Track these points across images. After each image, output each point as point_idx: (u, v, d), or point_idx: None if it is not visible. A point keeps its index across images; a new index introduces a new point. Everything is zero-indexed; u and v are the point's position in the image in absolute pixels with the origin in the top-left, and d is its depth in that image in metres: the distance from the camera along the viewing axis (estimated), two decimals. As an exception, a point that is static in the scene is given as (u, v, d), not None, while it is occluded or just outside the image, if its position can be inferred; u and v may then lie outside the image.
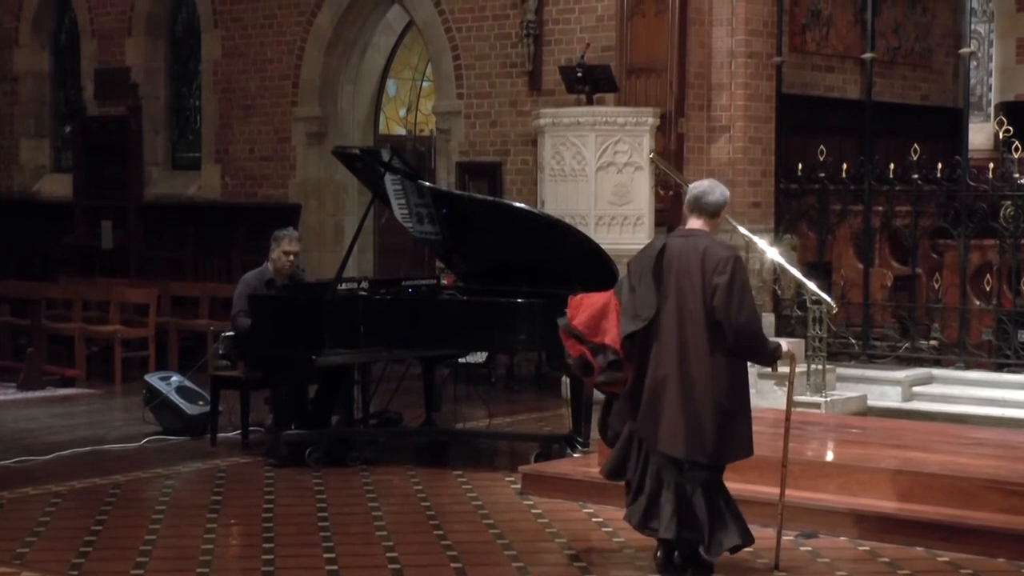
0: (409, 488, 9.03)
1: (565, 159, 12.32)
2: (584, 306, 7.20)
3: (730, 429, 6.81)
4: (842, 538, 7.69)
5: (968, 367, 11.94)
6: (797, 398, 11.28)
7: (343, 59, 15.87)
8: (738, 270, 6.76)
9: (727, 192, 7.06)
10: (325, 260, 15.16)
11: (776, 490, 7.33)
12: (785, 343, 7.13)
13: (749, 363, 6.98)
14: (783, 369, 7.25)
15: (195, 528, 7.88)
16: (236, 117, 16.44)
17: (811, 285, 11.57)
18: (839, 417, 10.83)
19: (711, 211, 6.97)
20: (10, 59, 18.75)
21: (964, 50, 13.31)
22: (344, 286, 10.09)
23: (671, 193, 12.39)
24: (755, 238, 12.02)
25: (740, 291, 6.73)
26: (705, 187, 7.05)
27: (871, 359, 12.34)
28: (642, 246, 7.39)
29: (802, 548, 7.52)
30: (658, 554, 6.95)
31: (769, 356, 6.94)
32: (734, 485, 7.48)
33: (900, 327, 12.54)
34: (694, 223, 7.00)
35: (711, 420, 6.75)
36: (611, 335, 6.98)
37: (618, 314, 6.97)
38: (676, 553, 6.92)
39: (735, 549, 6.94)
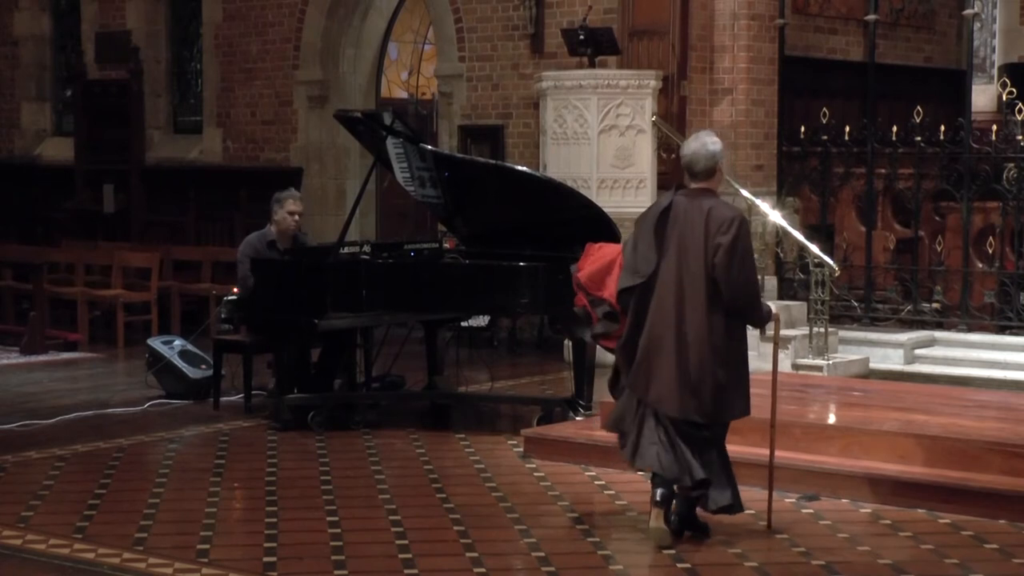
0: (411, 451, 9.05)
1: (567, 122, 12.29)
2: (594, 258, 7.33)
3: (726, 389, 6.85)
4: (844, 500, 7.70)
5: (970, 329, 11.94)
6: (800, 361, 11.38)
7: (344, 22, 15.82)
8: (742, 231, 6.79)
9: (714, 148, 6.96)
10: (327, 224, 15.15)
11: (779, 452, 7.35)
12: (772, 306, 7.16)
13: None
14: (770, 332, 7.28)
15: (198, 491, 7.89)
16: (237, 80, 16.41)
17: (813, 248, 11.57)
18: (841, 380, 10.85)
19: (704, 175, 6.98)
20: (10, 22, 18.69)
21: (968, 12, 13.28)
22: (346, 250, 10.08)
23: (673, 156, 12.35)
24: (757, 201, 12.00)
25: (742, 251, 6.77)
26: (690, 153, 6.98)
27: (873, 322, 12.34)
28: (644, 209, 7.42)
29: (804, 511, 7.54)
30: (673, 516, 6.98)
31: (762, 318, 7.00)
32: (734, 447, 7.50)
33: (902, 290, 12.54)
34: (696, 185, 7.02)
35: (707, 380, 6.80)
36: (610, 290, 7.10)
37: (621, 269, 7.05)
38: (672, 512, 6.95)
39: (724, 510, 6.97)
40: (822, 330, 11.46)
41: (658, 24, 12.78)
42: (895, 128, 12.46)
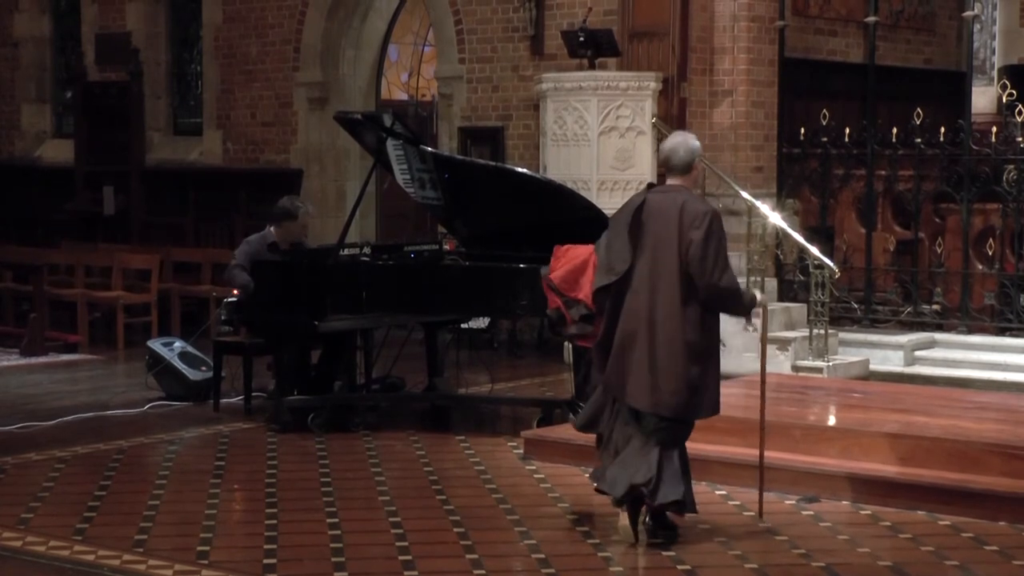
0: (412, 453, 9.05)
1: (567, 124, 12.30)
2: (565, 259, 7.35)
3: (696, 386, 6.83)
4: (844, 502, 7.71)
5: (970, 331, 11.93)
6: (800, 362, 11.38)
7: (344, 24, 15.83)
8: (714, 225, 6.78)
9: (695, 145, 7.02)
10: (327, 225, 15.15)
11: (775, 454, 7.35)
12: (758, 293, 7.14)
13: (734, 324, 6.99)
14: (757, 322, 7.22)
15: (198, 493, 7.90)
16: (237, 82, 16.42)
17: (813, 250, 11.56)
18: (841, 381, 10.85)
19: (681, 168, 7.00)
20: (11, 24, 18.70)
21: (968, 13, 13.27)
22: (346, 251, 10.08)
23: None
24: (757, 203, 11.99)
25: (716, 246, 6.76)
26: (669, 147, 7.04)
27: (873, 323, 12.34)
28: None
29: (804, 512, 7.54)
30: (647, 519, 6.97)
31: (746, 307, 6.97)
32: (734, 448, 7.51)
33: (902, 291, 12.53)
34: (672, 181, 7.05)
35: (678, 376, 6.78)
36: (585, 291, 7.11)
37: (595, 269, 7.05)
38: (645, 516, 6.94)
39: (672, 506, 6.88)
40: (822, 332, 11.45)
41: (658, 26, 12.79)
42: (895, 130, 12.46)
